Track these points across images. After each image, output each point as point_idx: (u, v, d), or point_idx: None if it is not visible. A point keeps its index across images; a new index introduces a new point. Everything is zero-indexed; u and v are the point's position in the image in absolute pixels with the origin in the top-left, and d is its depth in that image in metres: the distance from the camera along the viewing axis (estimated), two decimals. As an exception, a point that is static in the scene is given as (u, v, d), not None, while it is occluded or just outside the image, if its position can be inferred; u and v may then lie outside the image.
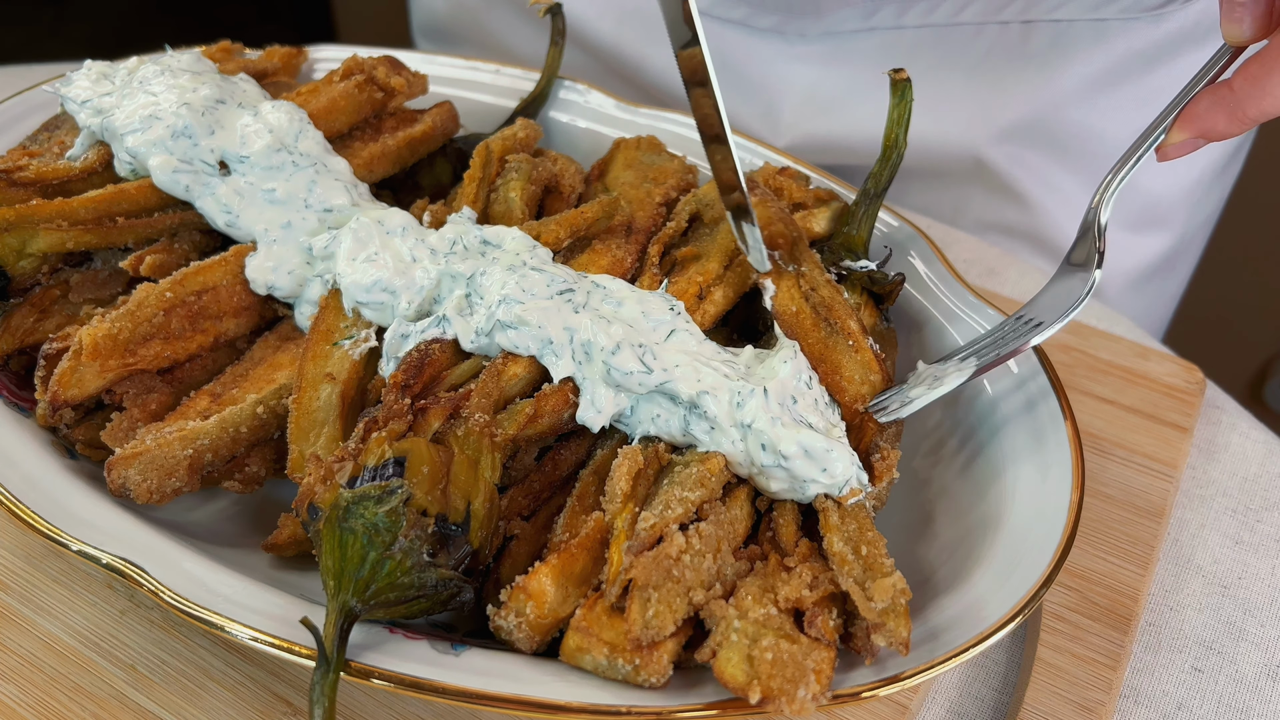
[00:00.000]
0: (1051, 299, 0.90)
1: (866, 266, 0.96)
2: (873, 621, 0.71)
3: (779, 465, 0.80)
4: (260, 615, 0.74)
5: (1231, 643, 0.94)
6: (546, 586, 0.73)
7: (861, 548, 0.76)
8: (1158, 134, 0.89)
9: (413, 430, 0.80)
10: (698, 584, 0.72)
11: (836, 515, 0.78)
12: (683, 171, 1.08)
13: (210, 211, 0.94)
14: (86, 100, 0.98)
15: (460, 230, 0.94)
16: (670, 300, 0.89)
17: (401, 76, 1.07)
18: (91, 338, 0.85)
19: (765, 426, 0.80)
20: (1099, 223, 0.89)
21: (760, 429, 0.80)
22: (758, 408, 0.80)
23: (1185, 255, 1.53)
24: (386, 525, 0.73)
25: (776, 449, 0.79)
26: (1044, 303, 0.90)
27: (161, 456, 0.83)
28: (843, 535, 0.77)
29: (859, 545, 0.76)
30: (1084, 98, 1.32)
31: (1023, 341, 0.86)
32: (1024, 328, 0.88)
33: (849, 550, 0.75)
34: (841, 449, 0.81)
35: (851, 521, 0.78)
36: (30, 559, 0.91)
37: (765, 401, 0.81)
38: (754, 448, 0.80)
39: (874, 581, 0.73)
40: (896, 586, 0.72)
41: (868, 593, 0.72)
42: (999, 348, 0.88)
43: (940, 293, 1.00)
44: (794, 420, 0.81)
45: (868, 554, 0.75)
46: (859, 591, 0.72)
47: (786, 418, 0.81)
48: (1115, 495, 1.02)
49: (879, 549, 0.76)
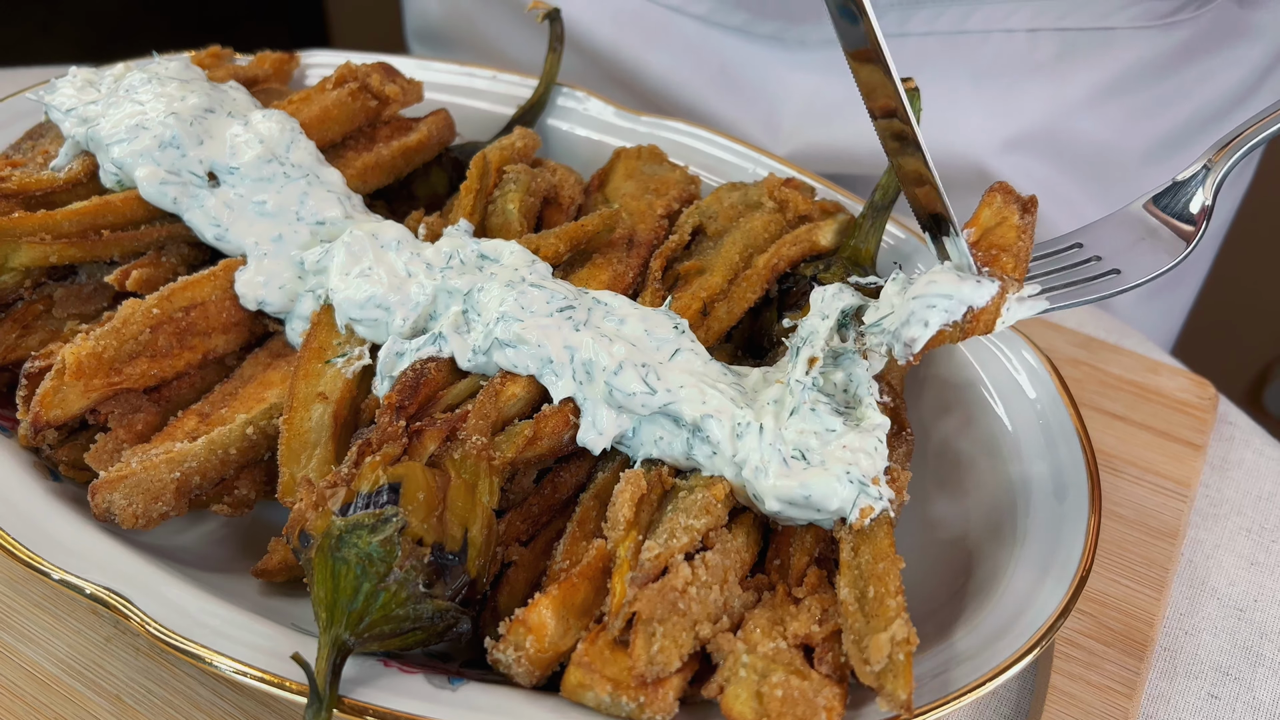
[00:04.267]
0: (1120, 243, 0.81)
1: (875, 282, 0.94)
2: (871, 685, 0.67)
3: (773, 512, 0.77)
4: (249, 648, 0.72)
5: (1249, 668, 0.92)
6: (547, 619, 0.70)
7: (869, 588, 0.71)
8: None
9: (408, 453, 0.77)
10: (704, 617, 0.70)
11: (850, 549, 0.74)
12: (685, 182, 1.06)
13: (199, 224, 0.91)
14: (71, 109, 0.96)
15: (457, 244, 0.91)
16: (674, 318, 0.86)
17: (396, 84, 1.05)
18: (75, 356, 0.82)
19: (751, 476, 0.76)
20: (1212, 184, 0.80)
21: (747, 478, 0.76)
22: (752, 451, 0.77)
23: (1194, 266, 1.51)
24: (381, 555, 0.70)
25: (763, 501, 0.76)
26: (1109, 244, 0.81)
27: (148, 480, 0.80)
28: (851, 576, 0.72)
29: (866, 586, 0.71)
30: (1091, 107, 1.30)
31: (1101, 291, 0.79)
32: (1095, 269, 0.80)
33: (853, 598, 0.71)
34: (825, 479, 0.75)
35: (866, 549, 0.74)
36: (11, 583, 0.89)
37: (759, 442, 0.77)
38: (750, 496, 0.78)
39: (871, 638, 0.67)
40: (895, 639, 0.66)
41: (863, 653, 0.67)
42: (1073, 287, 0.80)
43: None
44: (783, 461, 0.76)
45: (874, 595, 0.70)
46: (856, 653, 0.68)
47: (776, 460, 0.76)
48: (1128, 515, 1.00)
49: (887, 587, 0.70)
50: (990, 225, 0.82)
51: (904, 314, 0.77)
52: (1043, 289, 0.81)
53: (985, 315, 0.77)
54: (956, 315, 0.77)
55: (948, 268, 0.79)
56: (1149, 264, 0.80)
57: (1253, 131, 0.81)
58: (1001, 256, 0.79)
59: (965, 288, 0.77)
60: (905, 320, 0.77)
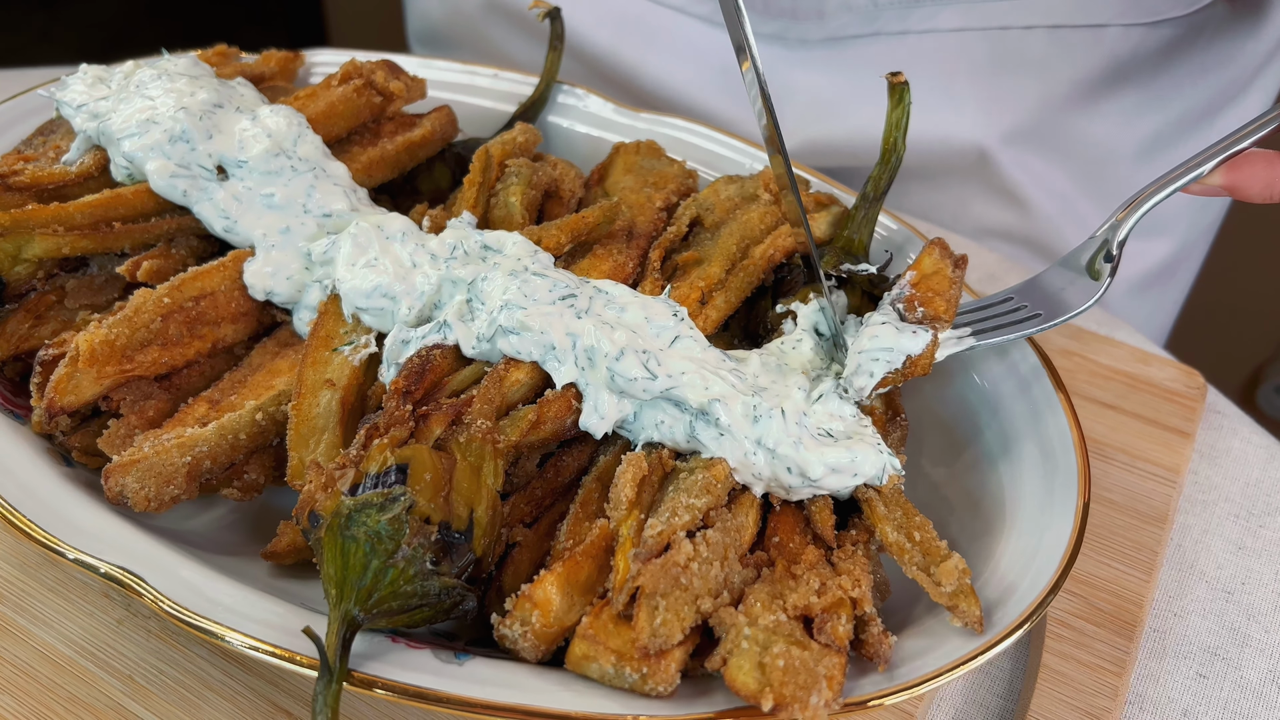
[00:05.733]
0: (1046, 293, 0.93)
1: (867, 270, 0.96)
2: (946, 605, 0.75)
3: (807, 485, 0.80)
4: (260, 624, 0.73)
5: (1236, 649, 0.94)
6: (552, 595, 0.72)
7: (914, 534, 0.79)
8: (1198, 170, 0.90)
9: (414, 437, 0.79)
10: (706, 592, 0.72)
11: (882, 505, 0.80)
12: (683, 176, 1.08)
13: (208, 217, 0.93)
14: (82, 104, 0.98)
15: (460, 235, 0.93)
16: (673, 306, 0.88)
17: (400, 81, 1.07)
18: (88, 344, 0.84)
19: (790, 450, 0.80)
20: (1118, 240, 0.92)
21: (785, 454, 0.80)
22: (779, 432, 0.81)
23: (1187, 262, 1.53)
24: (389, 533, 0.72)
25: (804, 474, 0.80)
26: (1037, 295, 0.93)
27: (159, 464, 0.82)
28: (893, 524, 0.79)
29: (911, 531, 0.79)
30: (1084, 103, 1.32)
31: (1022, 330, 0.91)
32: (1021, 314, 0.92)
33: (904, 539, 0.78)
34: (865, 448, 0.82)
35: (896, 508, 0.81)
36: (25, 567, 0.90)
37: (784, 423, 0.81)
38: (780, 471, 0.80)
39: (937, 566, 0.76)
40: (959, 568, 0.75)
41: (934, 578, 0.75)
42: (999, 328, 0.92)
43: (942, 297, 0.99)
44: (814, 437, 0.82)
45: (922, 539, 0.78)
46: (925, 578, 0.76)
47: (807, 436, 0.81)
48: (1118, 500, 1.02)
49: (930, 532, 0.79)
50: (929, 272, 0.93)
51: (852, 366, 0.87)
52: (972, 329, 0.93)
53: (922, 360, 0.87)
54: (897, 364, 0.86)
55: (886, 322, 0.88)
56: (1067, 306, 0.92)
57: (1153, 190, 0.92)
58: (936, 300, 0.91)
59: (904, 340, 0.87)
60: (855, 370, 0.86)
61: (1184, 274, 1.55)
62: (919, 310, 0.90)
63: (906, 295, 0.91)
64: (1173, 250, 1.46)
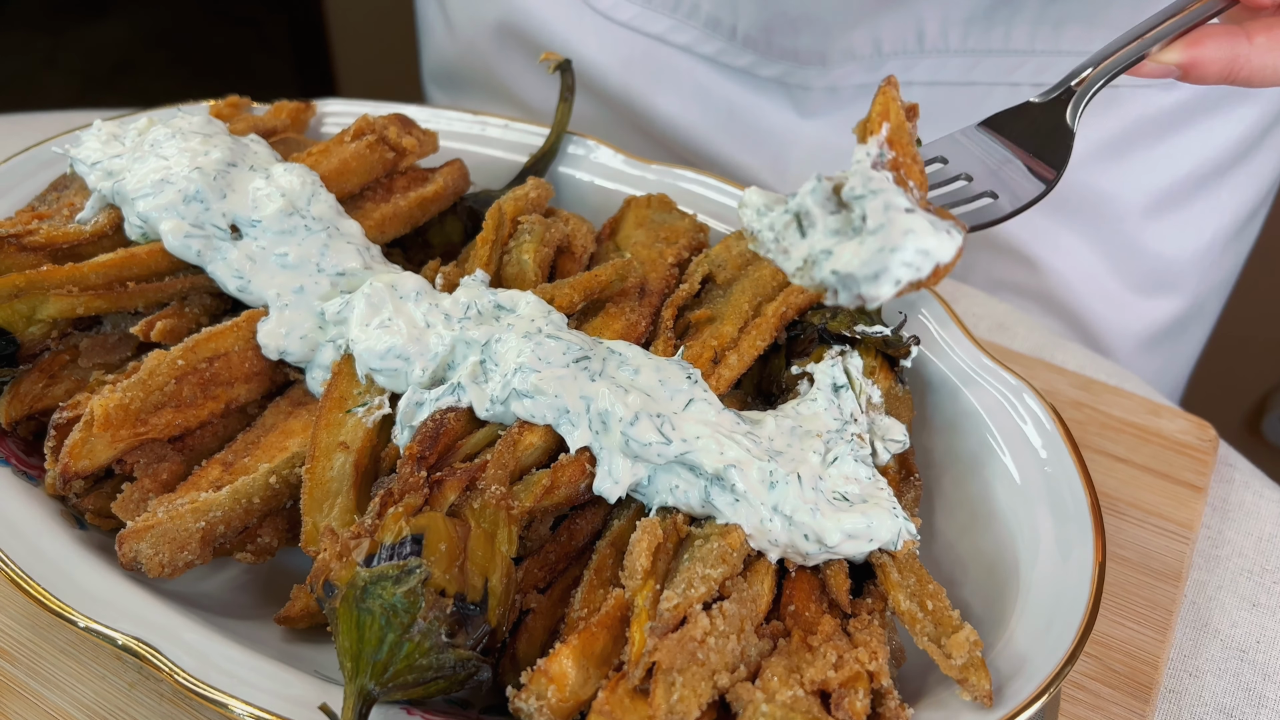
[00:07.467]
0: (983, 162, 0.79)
1: (881, 332, 0.96)
2: (956, 678, 0.73)
3: (824, 551, 0.80)
4: (274, 695, 0.73)
5: (1252, 710, 0.94)
6: (568, 669, 0.72)
7: (927, 602, 0.78)
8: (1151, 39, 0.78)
9: (429, 503, 0.79)
10: (722, 666, 0.71)
11: (895, 572, 0.80)
12: (694, 230, 1.08)
13: (222, 276, 0.94)
14: (97, 162, 0.98)
15: (474, 294, 0.93)
16: (687, 368, 0.88)
17: (413, 136, 1.07)
18: (103, 408, 0.84)
19: (807, 518, 0.80)
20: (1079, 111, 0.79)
21: (802, 520, 0.80)
22: (795, 498, 0.80)
23: (1199, 319, 1.52)
24: (405, 606, 0.72)
25: (821, 541, 0.80)
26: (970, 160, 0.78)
27: (174, 529, 0.81)
28: (906, 592, 0.78)
29: (924, 600, 0.78)
30: (1095, 162, 1.32)
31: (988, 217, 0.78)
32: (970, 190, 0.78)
33: (916, 608, 0.77)
34: (881, 513, 0.81)
35: (910, 574, 0.80)
36: (36, 628, 0.90)
37: (801, 489, 0.81)
38: (797, 538, 0.80)
39: (949, 637, 0.75)
40: (970, 639, 0.74)
41: (944, 649, 0.74)
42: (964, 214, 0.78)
43: (954, 355, 0.99)
44: (830, 502, 0.81)
45: (934, 608, 0.77)
46: (936, 650, 0.74)
47: (823, 502, 0.81)
48: (1132, 558, 1.01)
49: (943, 601, 0.78)
50: (896, 125, 0.72)
51: (870, 265, 0.65)
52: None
53: (942, 271, 0.66)
54: (924, 273, 0.66)
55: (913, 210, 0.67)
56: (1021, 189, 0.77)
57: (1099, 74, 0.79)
58: (912, 167, 0.71)
59: (939, 242, 0.65)
60: (873, 275, 0.65)
61: (1197, 330, 1.54)
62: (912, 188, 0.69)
63: (889, 159, 0.70)
64: (1183, 307, 1.46)
